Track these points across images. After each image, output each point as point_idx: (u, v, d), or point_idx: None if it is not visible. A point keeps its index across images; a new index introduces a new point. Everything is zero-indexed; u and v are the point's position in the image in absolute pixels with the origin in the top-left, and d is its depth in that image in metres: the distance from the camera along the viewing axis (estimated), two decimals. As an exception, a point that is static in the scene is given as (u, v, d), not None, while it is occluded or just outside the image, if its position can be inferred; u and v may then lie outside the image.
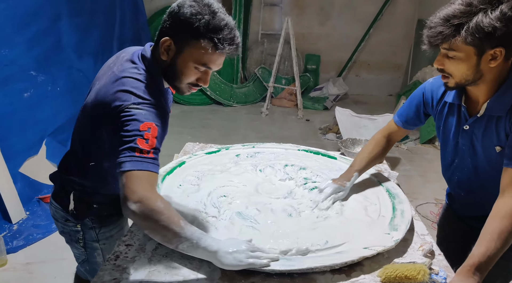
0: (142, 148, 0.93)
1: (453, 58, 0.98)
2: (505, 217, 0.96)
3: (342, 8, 5.70)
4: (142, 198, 0.89)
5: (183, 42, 1.00)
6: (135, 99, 0.97)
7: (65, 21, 3.28)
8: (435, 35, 0.96)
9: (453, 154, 1.21)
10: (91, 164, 1.13)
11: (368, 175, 1.51)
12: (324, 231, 1.14)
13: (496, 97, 1.03)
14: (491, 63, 0.97)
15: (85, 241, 1.23)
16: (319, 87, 5.70)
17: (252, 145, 1.74)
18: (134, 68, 1.04)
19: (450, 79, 1.04)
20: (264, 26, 5.76)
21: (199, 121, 4.79)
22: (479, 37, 0.92)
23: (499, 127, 1.05)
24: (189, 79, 1.05)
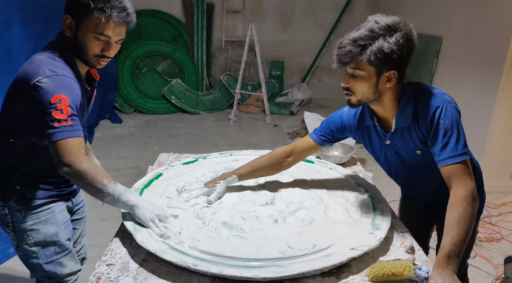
0: (58, 118, 1.07)
1: (358, 77, 1.12)
2: (457, 203, 1.07)
3: (303, 15, 5.85)
4: (69, 162, 1.08)
5: (80, 16, 1.13)
6: (42, 72, 1.09)
7: (16, 29, 3.11)
8: (345, 54, 1.09)
9: (387, 165, 1.37)
10: (10, 140, 1.21)
11: (345, 177, 1.55)
12: (310, 235, 1.15)
13: (399, 113, 1.20)
14: (386, 84, 1.14)
15: (13, 224, 1.26)
16: (284, 93, 5.79)
17: (230, 153, 1.72)
18: (44, 50, 1.18)
19: (352, 97, 1.17)
20: (227, 33, 5.78)
21: (166, 131, 4.70)
22: (380, 57, 1.07)
23: (411, 135, 1.21)
24: (93, 50, 1.17)
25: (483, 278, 2.23)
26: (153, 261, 1.06)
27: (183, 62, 5.48)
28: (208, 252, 1.04)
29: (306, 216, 1.25)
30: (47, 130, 1.08)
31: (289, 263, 1.02)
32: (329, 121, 1.41)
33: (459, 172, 1.10)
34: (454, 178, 1.11)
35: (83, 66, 1.24)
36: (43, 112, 1.07)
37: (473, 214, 1.06)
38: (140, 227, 1.13)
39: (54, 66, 1.12)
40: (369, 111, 1.27)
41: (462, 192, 1.08)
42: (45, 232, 1.28)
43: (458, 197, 1.08)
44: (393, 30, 1.07)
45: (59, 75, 1.11)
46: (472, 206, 1.07)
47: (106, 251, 1.11)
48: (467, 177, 1.10)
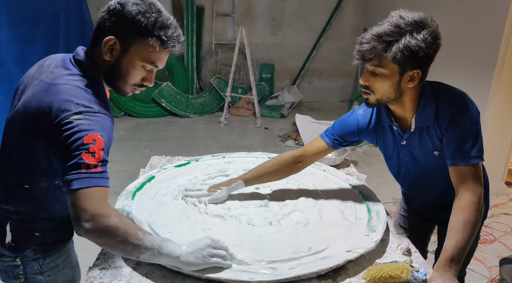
0: (88, 163, 0.87)
1: (379, 75, 1.07)
2: (464, 208, 1.05)
3: (293, 18, 5.87)
4: (94, 215, 0.86)
5: (130, 41, 0.96)
6: (75, 108, 0.90)
7: (4, 32, 3.06)
8: (369, 49, 1.04)
9: (398, 165, 1.32)
10: (25, 186, 1.00)
11: (339, 179, 1.55)
12: (306, 237, 1.14)
13: (419, 112, 1.15)
14: (409, 84, 1.09)
15: (26, 275, 1.08)
16: (275, 96, 5.79)
17: (223, 156, 1.71)
18: (69, 74, 0.97)
19: (371, 96, 1.12)
20: (217, 36, 5.76)
21: (156, 134, 4.65)
22: (406, 55, 1.02)
23: (431, 135, 1.17)
24: (135, 79, 1.01)
25: (477, 280, 2.25)
26: (146, 265, 1.03)
27: (173, 65, 5.44)
28: (203, 256, 1.02)
29: (300, 218, 1.24)
30: (70, 174, 0.87)
31: (285, 266, 1.00)
32: (344, 125, 1.33)
33: (470, 175, 1.08)
34: (463, 181, 1.08)
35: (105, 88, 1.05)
36: (72, 153, 0.87)
37: (479, 220, 1.06)
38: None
39: (89, 100, 0.93)
40: (386, 110, 1.22)
41: (471, 196, 1.06)
42: (62, 279, 1.14)
43: (466, 201, 1.06)
44: (420, 26, 1.02)
45: (96, 112, 0.92)
46: (479, 212, 1.05)
47: (99, 255, 1.08)
48: (477, 182, 1.08)
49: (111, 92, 1.11)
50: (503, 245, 2.62)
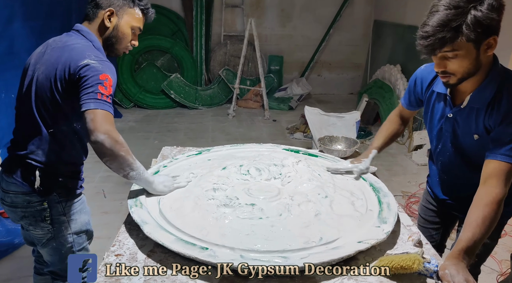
0: (103, 93, 1.15)
1: (454, 57, 1.03)
2: (487, 204, 1.05)
3: (302, 9, 5.82)
4: (108, 131, 1.12)
5: (122, 11, 1.31)
6: (89, 57, 1.18)
7: (18, 24, 3.09)
8: (437, 42, 1.00)
9: (438, 139, 1.32)
10: (50, 131, 1.25)
11: (351, 171, 1.55)
12: (317, 228, 1.14)
13: (478, 91, 1.12)
14: (488, 52, 1.04)
15: (52, 217, 1.30)
16: (283, 88, 5.77)
17: (233, 146, 1.72)
18: (76, 39, 1.27)
19: (452, 78, 1.09)
20: (226, 27, 5.75)
21: (165, 125, 4.68)
22: (479, 31, 0.98)
23: (478, 118, 1.14)
24: (127, 40, 1.35)
25: (486, 274, 2.24)
26: (160, 252, 1.06)
27: (182, 57, 5.45)
28: (215, 243, 1.04)
29: (311, 209, 1.24)
30: (90, 99, 1.13)
31: (296, 256, 1.01)
32: (409, 83, 1.39)
33: (504, 173, 1.06)
34: (495, 177, 1.07)
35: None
36: (91, 85, 1.14)
37: (498, 218, 1.06)
38: (147, 219, 1.13)
39: (97, 53, 1.23)
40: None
41: (497, 194, 1.05)
42: (81, 221, 1.38)
43: (491, 197, 1.05)
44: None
45: (104, 60, 1.22)
46: (500, 211, 1.06)
47: (114, 241, 1.11)
48: (507, 182, 1.07)
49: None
50: (514, 239, 2.60)
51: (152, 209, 1.21)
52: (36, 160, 1.26)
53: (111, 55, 1.36)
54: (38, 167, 1.26)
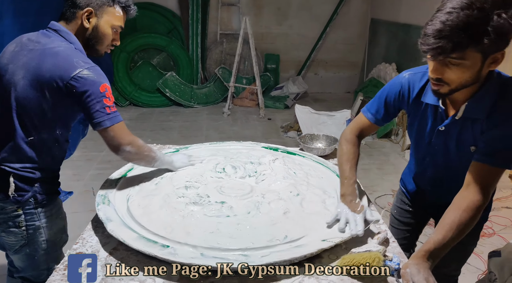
0: (109, 105, 1.18)
1: (458, 66, 0.92)
2: (466, 210, 1.00)
3: (299, 8, 5.80)
4: (131, 141, 1.23)
5: (101, 10, 1.25)
6: (78, 65, 1.14)
7: (8, 21, 3.09)
8: (450, 45, 0.87)
9: (425, 152, 1.21)
10: (30, 138, 1.22)
11: (326, 169, 1.54)
12: (283, 226, 1.14)
13: (475, 100, 1.01)
14: (491, 66, 0.95)
15: (26, 223, 1.27)
16: (280, 86, 5.77)
17: (212, 144, 1.72)
18: (55, 41, 1.20)
19: (444, 87, 0.98)
20: (222, 26, 5.74)
21: (159, 123, 4.69)
22: (496, 41, 0.87)
23: (475, 129, 1.05)
24: (109, 40, 1.30)
25: (471, 273, 2.23)
26: (123, 250, 1.06)
27: (178, 55, 5.45)
28: (177, 241, 1.04)
29: (281, 207, 1.24)
30: (102, 117, 1.16)
31: (258, 254, 1.01)
32: (384, 93, 1.21)
33: (489, 178, 1.00)
34: (479, 181, 1.00)
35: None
36: (96, 101, 1.15)
37: (474, 224, 1.01)
38: (112, 216, 1.13)
39: (83, 57, 1.19)
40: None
41: (478, 201, 1.00)
42: (56, 227, 1.34)
43: (471, 203, 0.99)
44: (507, 3, 0.85)
45: (94, 66, 1.18)
46: (478, 218, 1.01)
47: (78, 239, 1.11)
48: (491, 189, 1.02)
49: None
50: (502, 239, 2.59)
51: (120, 207, 1.21)
52: (10, 166, 1.21)
53: (93, 55, 1.30)
54: (12, 173, 1.21)
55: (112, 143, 1.20)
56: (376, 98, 1.26)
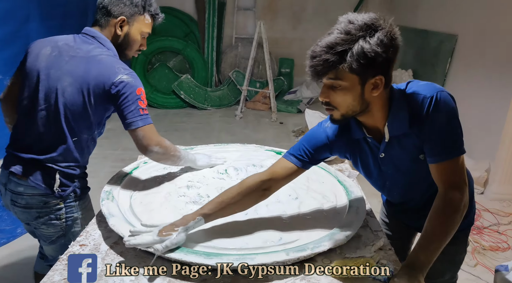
0: (143, 108, 1.27)
1: (338, 88, 0.98)
2: (444, 210, 1.01)
3: (314, 13, 5.82)
4: (159, 142, 1.29)
5: (133, 19, 1.34)
6: (119, 71, 1.25)
7: (34, 24, 3.21)
8: (321, 64, 0.94)
9: (382, 179, 1.21)
10: (74, 139, 1.32)
11: (328, 174, 1.55)
12: (279, 228, 1.16)
13: (391, 119, 1.05)
14: (373, 92, 0.99)
15: (66, 215, 1.38)
16: (293, 91, 5.78)
17: (217, 146, 1.75)
18: (95, 48, 1.30)
19: (335, 112, 1.03)
20: (238, 30, 5.81)
21: (173, 125, 4.77)
22: (363, 63, 0.93)
23: (412, 140, 1.07)
24: (137, 45, 1.40)
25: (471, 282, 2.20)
26: (123, 244, 1.09)
27: (193, 58, 5.54)
28: (174, 239, 1.07)
29: (278, 209, 1.26)
30: (135, 117, 1.25)
31: (251, 254, 1.03)
32: (312, 139, 1.18)
33: (453, 171, 1.02)
34: (446, 179, 1.02)
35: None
36: (132, 102, 1.25)
37: (459, 223, 1.01)
38: (115, 212, 1.18)
39: (122, 63, 1.30)
40: (356, 122, 1.11)
41: (455, 197, 1.00)
42: (89, 217, 1.40)
43: (448, 201, 1.00)
44: (372, 29, 0.93)
45: (132, 71, 1.29)
46: (460, 214, 1.00)
47: (82, 232, 1.17)
48: (462, 179, 1.02)
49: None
50: (517, 254, 2.53)
51: (123, 203, 1.26)
52: (57, 164, 1.32)
53: (122, 59, 1.36)
54: (58, 171, 1.32)
55: (141, 143, 1.27)
56: (303, 143, 1.19)
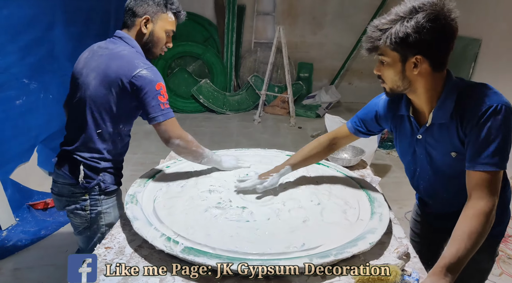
0: (164, 102, 1.33)
1: (385, 63, 1.07)
2: (473, 218, 1.00)
3: (334, 17, 5.79)
4: (180, 135, 1.36)
5: (156, 17, 1.40)
6: (139, 65, 1.30)
7: (59, 30, 3.32)
8: (366, 40, 1.06)
9: (414, 164, 1.26)
10: (98, 131, 1.38)
11: (350, 180, 1.54)
12: (301, 234, 1.16)
13: (438, 107, 1.10)
14: (414, 71, 1.05)
15: (91, 207, 1.43)
16: (312, 95, 5.76)
17: (238, 150, 1.76)
18: (120, 46, 1.38)
19: (385, 85, 1.13)
20: (257, 34, 5.84)
21: (192, 129, 4.82)
22: (397, 42, 1.00)
23: (451, 134, 1.10)
24: (162, 43, 1.45)
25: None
26: (147, 247, 1.11)
27: (212, 63, 5.60)
28: (197, 242, 1.08)
29: (301, 215, 1.26)
30: (156, 112, 1.31)
31: (274, 259, 1.03)
32: (365, 111, 1.35)
33: (486, 183, 1.02)
34: (478, 188, 1.03)
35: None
36: (152, 97, 1.30)
37: (487, 231, 1.00)
38: (139, 215, 1.19)
39: (143, 59, 1.35)
40: (406, 100, 1.19)
41: (484, 206, 1.01)
42: (114, 215, 1.48)
43: (477, 210, 1.01)
44: (416, 11, 0.99)
45: (152, 66, 1.34)
46: (489, 224, 1.01)
47: (107, 235, 1.19)
48: (493, 192, 1.02)
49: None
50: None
51: (147, 206, 1.28)
52: (81, 156, 1.39)
53: (149, 58, 1.46)
54: (82, 163, 1.39)
55: (163, 136, 1.34)
56: (361, 113, 1.37)
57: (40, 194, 2.87)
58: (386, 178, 3.58)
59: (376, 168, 3.28)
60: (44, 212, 2.70)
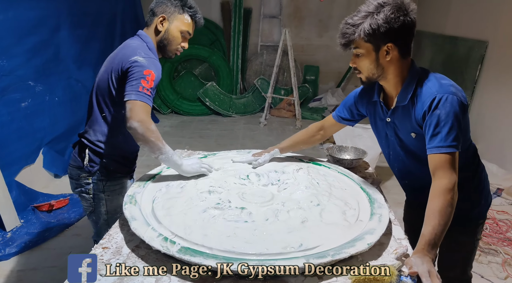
0: (143, 86, 1.33)
1: (359, 55, 1.21)
2: (440, 196, 1.11)
3: (340, 19, 5.70)
4: (142, 119, 1.30)
5: (173, 17, 1.49)
6: (139, 54, 1.38)
7: (65, 33, 3.35)
8: (341, 36, 1.21)
9: (387, 147, 1.41)
10: (103, 114, 1.46)
11: (351, 181, 1.53)
12: (299, 234, 1.14)
13: (402, 90, 1.25)
14: (386, 57, 1.19)
15: (93, 192, 1.49)
16: (318, 98, 5.74)
17: (239, 152, 1.76)
18: (133, 40, 1.49)
19: (361, 75, 1.26)
20: (263, 37, 5.85)
21: (198, 131, 4.84)
22: (369, 33, 1.15)
23: (410, 116, 1.25)
24: (177, 42, 1.52)
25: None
26: (144, 247, 1.11)
27: (219, 66, 5.62)
28: (194, 243, 1.08)
29: (299, 216, 1.24)
30: (132, 91, 1.32)
31: (271, 260, 1.02)
32: (346, 99, 1.51)
33: (444, 163, 1.14)
34: (438, 169, 1.15)
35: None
36: (135, 78, 1.33)
37: (454, 206, 1.11)
38: (137, 215, 1.20)
39: (147, 51, 1.43)
40: (378, 87, 1.33)
41: (446, 184, 1.12)
42: (116, 202, 1.52)
43: (441, 188, 1.12)
44: (382, 6, 1.14)
45: (151, 57, 1.41)
46: (453, 199, 1.12)
47: (105, 235, 1.19)
48: (452, 170, 1.14)
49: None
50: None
51: (145, 207, 1.28)
52: (87, 139, 1.47)
53: (165, 57, 1.55)
54: (88, 147, 1.47)
55: (126, 115, 1.32)
56: (342, 102, 1.54)
57: (45, 196, 2.89)
58: (392, 180, 3.54)
59: (382, 170, 3.25)
60: (49, 214, 2.73)
